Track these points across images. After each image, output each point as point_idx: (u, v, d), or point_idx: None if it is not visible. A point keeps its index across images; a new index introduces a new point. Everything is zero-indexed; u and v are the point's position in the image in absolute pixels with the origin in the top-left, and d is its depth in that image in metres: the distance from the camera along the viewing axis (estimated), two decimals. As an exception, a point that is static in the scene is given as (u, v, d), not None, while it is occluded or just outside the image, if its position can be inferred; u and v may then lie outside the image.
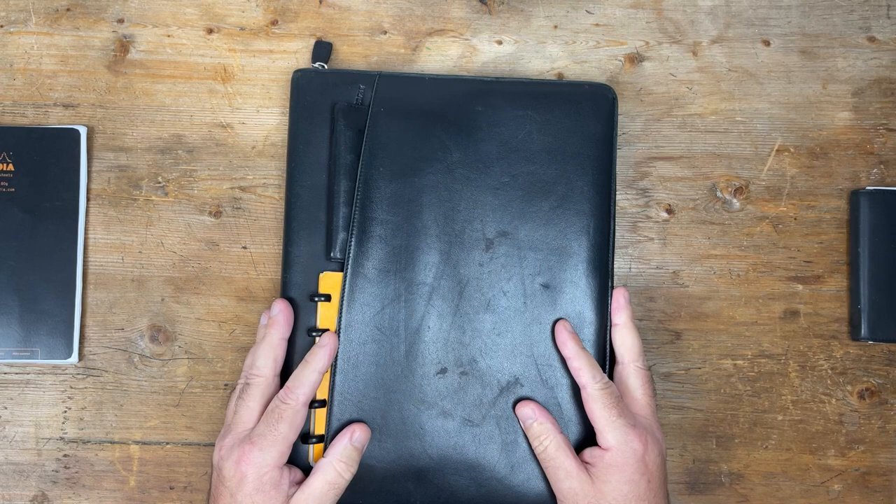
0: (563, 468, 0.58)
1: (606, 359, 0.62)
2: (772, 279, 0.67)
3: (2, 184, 0.64)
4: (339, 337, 0.61)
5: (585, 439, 0.61)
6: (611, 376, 0.62)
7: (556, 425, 0.60)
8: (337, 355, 0.61)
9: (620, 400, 0.59)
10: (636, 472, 0.57)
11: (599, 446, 0.59)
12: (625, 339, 0.61)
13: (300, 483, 0.58)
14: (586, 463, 0.59)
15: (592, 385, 0.59)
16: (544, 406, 0.61)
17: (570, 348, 0.60)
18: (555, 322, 0.61)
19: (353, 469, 0.58)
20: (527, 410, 0.60)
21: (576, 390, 0.61)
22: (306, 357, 0.60)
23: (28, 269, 0.64)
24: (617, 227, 0.65)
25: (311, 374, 0.59)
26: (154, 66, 0.67)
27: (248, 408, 0.58)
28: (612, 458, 0.58)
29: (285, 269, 0.62)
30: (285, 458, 0.57)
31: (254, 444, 0.56)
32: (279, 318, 0.60)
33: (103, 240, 0.66)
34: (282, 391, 0.58)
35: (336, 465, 0.58)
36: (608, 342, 0.62)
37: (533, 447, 0.60)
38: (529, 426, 0.60)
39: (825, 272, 0.68)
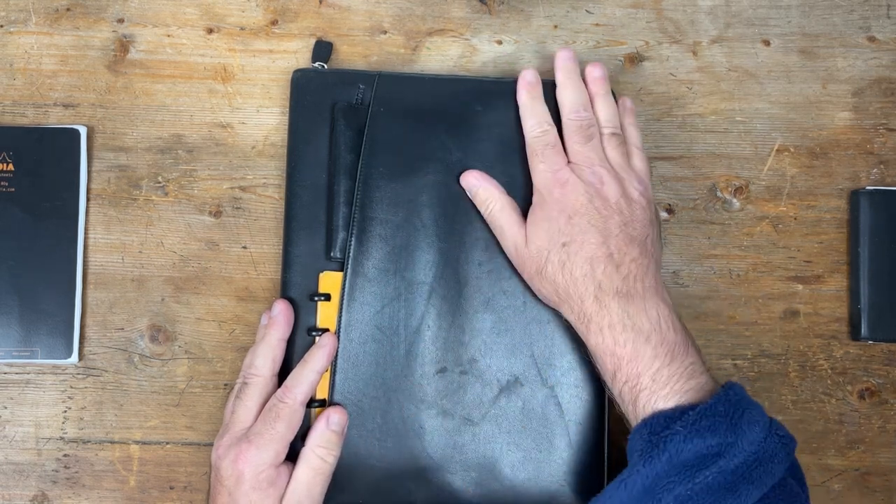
0: (502, 226, 0.60)
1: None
2: (772, 279, 0.67)
3: (2, 184, 0.64)
4: (338, 336, 0.61)
5: (588, 438, 0.61)
6: None
7: (500, 189, 0.61)
8: (337, 355, 0.61)
9: (552, 145, 0.61)
10: (554, 209, 0.58)
11: None
12: (562, 95, 0.63)
13: None
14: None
15: (527, 133, 0.62)
16: (543, 407, 0.61)
17: (523, 96, 0.63)
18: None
19: (336, 452, 0.58)
20: (470, 179, 0.62)
21: (576, 390, 0.61)
22: (305, 357, 0.60)
23: (28, 269, 0.64)
24: (617, 227, 0.65)
25: (309, 374, 0.59)
26: (154, 66, 0.67)
27: (245, 407, 0.58)
28: (535, 201, 0.60)
29: (285, 268, 0.62)
30: (282, 457, 0.57)
31: (251, 442, 0.56)
32: (279, 318, 0.60)
33: (103, 240, 0.66)
34: (280, 390, 0.59)
35: (316, 451, 0.58)
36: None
37: (481, 213, 0.62)
38: (475, 193, 0.62)
39: (825, 272, 0.68)
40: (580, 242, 0.57)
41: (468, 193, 0.62)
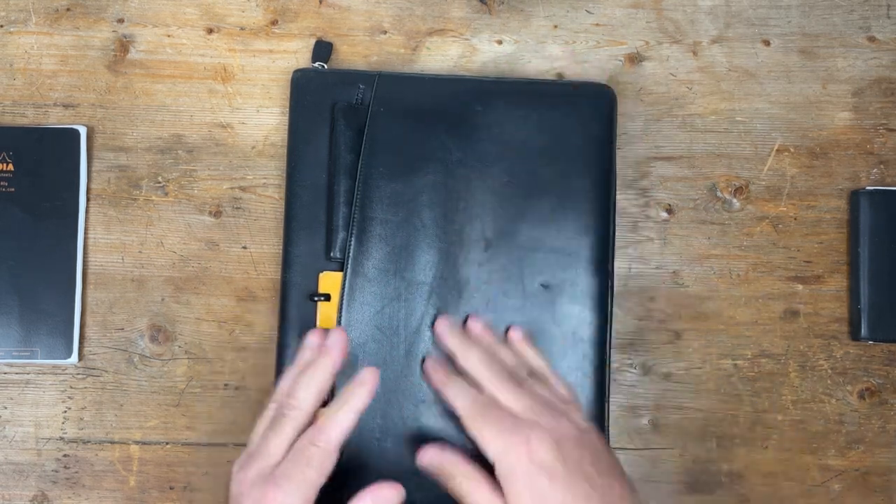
0: None
1: (606, 359, 0.62)
2: (772, 279, 0.67)
3: (2, 184, 0.65)
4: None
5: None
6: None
7: (466, 460, 0.54)
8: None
9: (490, 406, 0.54)
10: (528, 476, 0.52)
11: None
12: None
13: None
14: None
15: (459, 410, 0.55)
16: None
17: (434, 382, 0.58)
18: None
19: None
20: (426, 458, 0.55)
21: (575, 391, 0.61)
22: (343, 394, 0.55)
23: (28, 269, 0.64)
24: (617, 227, 0.65)
25: (347, 415, 0.54)
26: (154, 66, 0.67)
27: (277, 441, 0.53)
28: (501, 472, 0.52)
29: (285, 268, 0.62)
30: (311, 503, 0.52)
31: (278, 486, 0.52)
32: (334, 348, 0.56)
33: (103, 240, 0.66)
34: (312, 429, 0.53)
35: None
36: (608, 342, 0.62)
37: (447, 488, 0.55)
38: (440, 470, 0.55)
39: (825, 272, 0.68)
40: None
41: (429, 471, 0.55)
